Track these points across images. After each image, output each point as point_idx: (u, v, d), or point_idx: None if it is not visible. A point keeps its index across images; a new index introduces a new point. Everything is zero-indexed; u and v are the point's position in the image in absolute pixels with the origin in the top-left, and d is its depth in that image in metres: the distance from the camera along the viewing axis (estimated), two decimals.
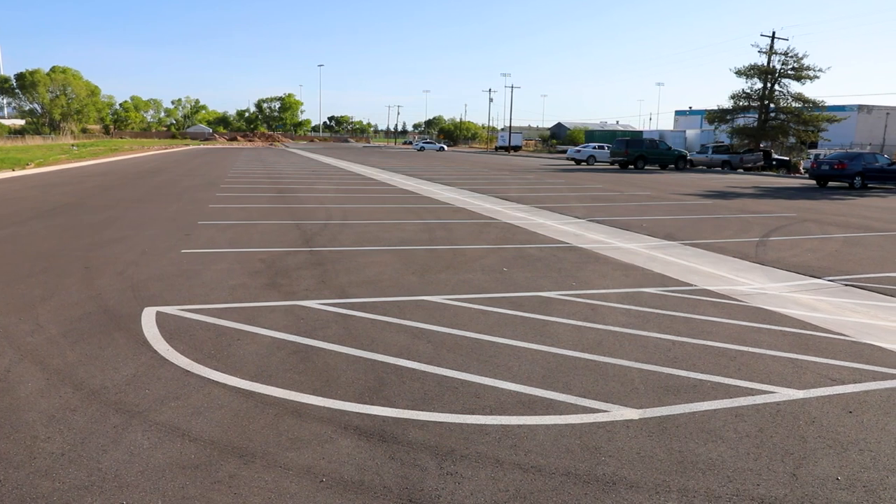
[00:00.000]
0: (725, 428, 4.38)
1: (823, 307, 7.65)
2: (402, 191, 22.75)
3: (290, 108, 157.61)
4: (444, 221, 14.60)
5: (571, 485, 3.62)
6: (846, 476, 3.80)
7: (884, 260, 11.08)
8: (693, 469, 3.83)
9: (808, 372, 5.47)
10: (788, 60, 48.77)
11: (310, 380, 5.02)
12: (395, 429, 4.23)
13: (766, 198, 24.10)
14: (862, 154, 32.96)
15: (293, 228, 12.89)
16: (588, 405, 4.67)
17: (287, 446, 3.97)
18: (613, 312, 7.13)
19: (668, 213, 17.60)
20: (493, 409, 4.57)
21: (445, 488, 3.55)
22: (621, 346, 6.00)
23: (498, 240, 12.08)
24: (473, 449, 3.99)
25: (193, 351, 5.55)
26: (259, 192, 20.65)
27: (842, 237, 13.78)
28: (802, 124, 48.68)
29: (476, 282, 8.43)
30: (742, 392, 4.99)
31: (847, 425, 4.48)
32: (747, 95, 50.34)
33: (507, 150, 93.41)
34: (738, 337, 6.37)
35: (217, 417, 4.33)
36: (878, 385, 5.22)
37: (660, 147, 47.49)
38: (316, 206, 16.96)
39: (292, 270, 8.85)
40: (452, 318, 6.74)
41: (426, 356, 5.57)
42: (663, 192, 24.69)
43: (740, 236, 13.45)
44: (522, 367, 5.37)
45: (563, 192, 23.47)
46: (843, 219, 17.41)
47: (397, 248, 10.88)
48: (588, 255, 10.73)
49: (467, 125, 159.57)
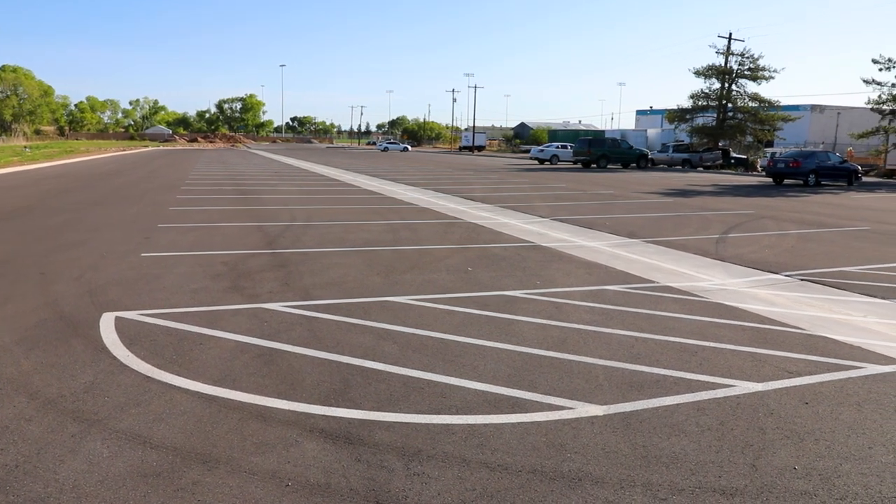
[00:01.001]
0: (688, 422, 4.45)
1: (781, 302, 7.84)
2: (366, 191, 22.66)
3: (252, 109, 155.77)
4: (408, 222, 14.58)
5: (538, 482, 3.65)
6: (803, 465, 3.90)
7: (836, 255, 11.40)
8: (657, 463, 3.89)
9: (766, 365, 5.60)
10: (745, 61, 49.87)
11: (274, 383, 4.96)
12: (361, 430, 4.21)
13: (725, 195, 24.61)
14: (815, 153, 33.92)
15: (256, 230, 12.74)
16: (553, 403, 4.71)
17: (252, 451, 3.92)
18: (577, 310, 7.20)
19: (631, 211, 17.84)
20: (460, 408, 4.58)
21: (412, 489, 3.54)
22: (586, 343, 6.06)
23: (462, 240, 12.11)
24: (440, 449, 3.99)
25: (154, 356, 5.45)
26: (221, 194, 20.36)
27: (797, 233, 14.15)
28: (759, 123, 49.81)
29: (441, 282, 8.44)
30: (703, 386, 5.08)
31: (803, 416, 4.60)
32: (706, 95, 51.30)
33: (471, 150, 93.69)
34: (700, 332, 6.49)
35: (179, 423, 4.25)
36: (832, 376, 5.37)
37: (622, 146, 48.18)
38: (279, 208, 16.79)
39: (255, 273, 8.74)
40: (418, 318, 6.73)
41: (392, 357, 5.56)
42: (625, 191, 25.03)
43: (701, 233, 13.71)
44: (488, 367, 5.39)
45: (526, 192, 23.63)
46: (798, 215, 17.87)
47: (362, 249, 10.83)
48: (552, 253, 10.82)
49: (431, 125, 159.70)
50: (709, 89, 51.25)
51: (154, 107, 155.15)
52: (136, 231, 12.29)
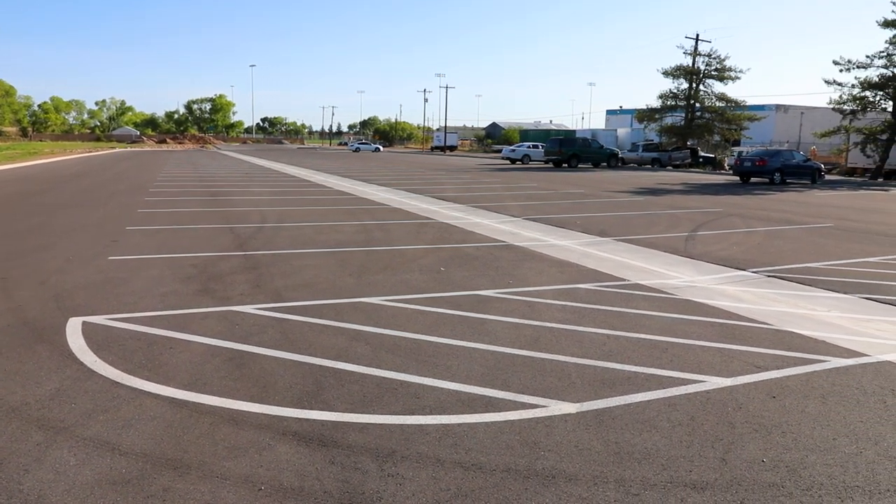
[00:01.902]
0: (659, 417, 4.51)
1: (748, 298, 7.98)
2: (338, 192, 22.54)
3: (222, 110, 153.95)
4: (380, 222, 14.54)
5: (512, 481, 3.66)
6: (771, 458, 3.97)
7: (802, 251, 11.64)
8: (629, 459, 3.93)
9: (735, 360, 5.69)
10: (712, 62, 50.66)
11: (246, 386, 4.91)
12: (335, 433, 4.19)
13: (694, 194, 24.97)
14: (780, 151, 34.61)
15: (226, 232, 12.59)
16: (527, 401, 4.73)
17: (224, 455, 3.87)
18: (550, 309, 7.25)
19: (602, 210, 18.01)
20: (434, 408, 4.58)
21: (387, 490, 3.54)
22: (558, 341, 6.10)
23: (435, 240, 12.11)
24: (414, 449, 3.99)
25: (123, 361, 5.36)
26: (190, 196, 20.09)
27: (764, 230, 14.41)
28: (726, 123, 50.61)
29: (414, 282, 8.43)
30: (674, 382, 5.15)
31: (771, 409, 4.68)
32: (674, 95, 51.99)
33: (443, 150, 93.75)
34: (670, 329, 6.57)
35: (149, 429, 4.19)
36: (798, 370, 5.48)
37: (592, 146, 48.63)
38: (250, 209, 16.63)
39: (226, 275, 8.64)
40: (391, 319, 6.71)
41: (365, 358, 5.54)
42: (596, 190, 25.26)
43: (670, 231, 13.89)
44: (461, 366, 5.40)
45: (498, 192, 23.71)
46: (764, 213, 18.20)
47: (334, 249, 10.77)
48: (524, 252, 10.87)
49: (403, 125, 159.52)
50: (677, 89, 52.00)
51: (121, 107, 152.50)
52: (104, 234, 12.07)
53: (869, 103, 38.75)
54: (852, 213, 18.63)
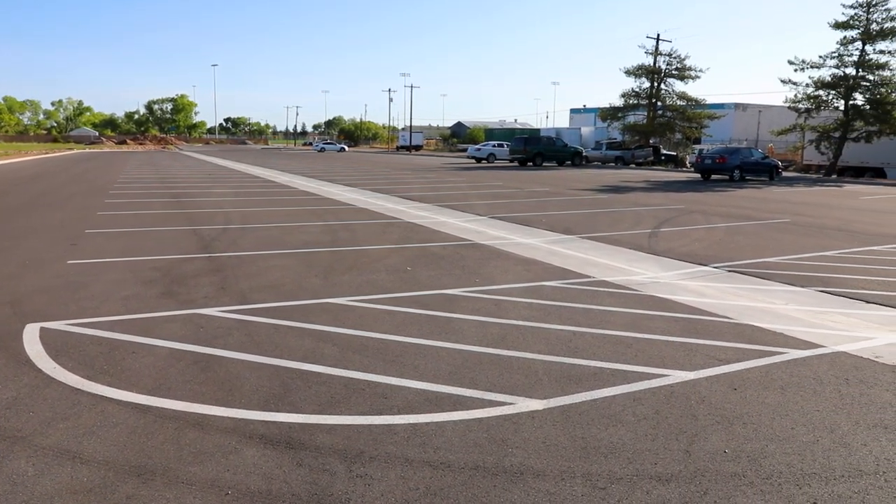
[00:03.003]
0: (625, 412, 4.58)
1: (710, 293, 8.13)
2: (303, 193, 22.36)
3: (184, 110, 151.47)
4: (346, 222, 14.47)
5: (480, 478, 3.68)
6: (733, 448, 4.07)
7: (761, 246, 11.91)
8: (596, 454, 3.98)
9: (697, 354, 5.80)
10: (672, 61, 51.42)
11: (211, 390, 4.85)
12: (302, 435, 4.16)
13: (657, 191, 25.35)
14: (739, 149, 35.38)
15: (190, 234, 12.40)
16: (494, 399, 4.76)
17: (189, 461, 3.82)
18: (516, 307, 7.30)
19: (566, 208, 18.18)
20: (401, 408, 4.58)
21: (355, 491, 3.53)
22: (525, 339, 6.15)
23: (401, 239, 12.10)
24: (382, 449, 3.98)
25: (83, 367, 5.24)
26: (152, 198, 19.73)
27: (724, 226, 14.71)
28: (687, 121, 51.47)
29: (380, 282, 8.41)
30: (639, 377, 5.23)
31: (732, 401, 4.79)
32: (636, 94, 52.67)
33: (409, 150, 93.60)
34: (634, 324, 6.67)
35: (112, 436, 4.11)
36: (757, 362, 5.61)
37: (557, 144, 49.03)
38: (214, 211, 16.40)
39: (190, 278, 8.52)
40: (357, 319, 6.69)
41: (332, 359, 5.51)
42: (561, 188, 25.49)
43: (634, 228, 14.09)
44: (429, 365, 5.40)
45: (464, 191, 23.78)
46: (725, 209, 18.57)
47: (300, 250, 10.69)
48: (490, 251, 10.92)
49: (368, 125, 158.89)
50: (639, 88, 52.68)
51: (78, 108, 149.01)
52: (62, 238, 11.79)
53: (822, 102, 39.79)
54: (808, 209, 19.12)
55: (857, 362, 5.70)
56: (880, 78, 38.16)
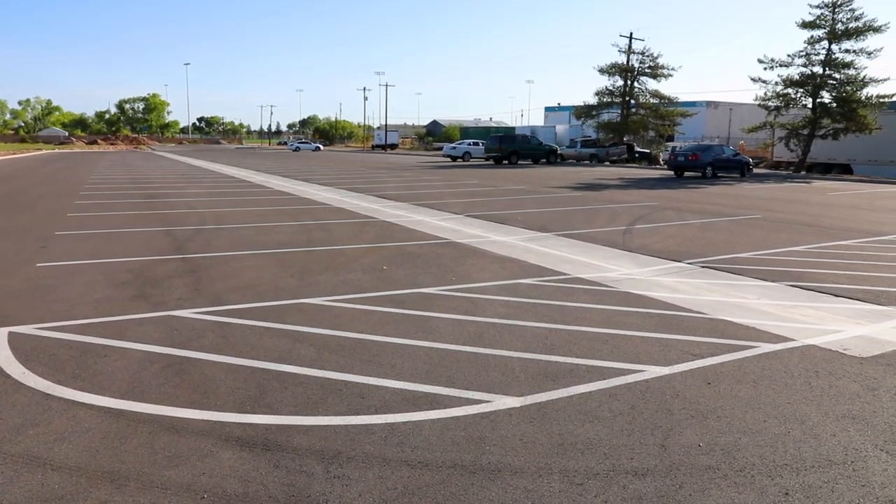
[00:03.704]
0: (601, 408, 4.62)
1: (684, 288, 8.23)
2: (278, 192, 22.19)
3: (156, 109, 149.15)
4: (322, 222, 14.39)
5: (458, 476, 3.69)
6: (707, 442, 4.12)
7: (733, 242, 12.08)
8: (573, 450, 4.01)
9: (672, 349, 5.87)
10: (645, 59, 51.85)
11: (186, 393, 4.80)
12: (279, 436, 4.14)
13: (631, 188, 25.59)
14: (711, 146, 35.79)
15: (163, 235, 12.25)
16: (471, 397, 4.77)
17: (164, 465, 3.78)
18: (492, 304, 7.32)
19: (542, 205, 18.27)
20: (379, 408, 4.57)
21: (333, 492, 3.52)
22: (501, 336, 6.17)
23: (377, 238, 12.07)
24: (360, 450, 3.97)
25: (54, 372, 5.15)
26: (125, 199, 19.44)
27: (697, 223, 14.89)
28: (660, 119, 51.97)
29: (356, 281, 8.38)
30: (615, 373, 5.28)
31: (706, 396, 4.86)
32: (610, 92, 53.02)
33: (384, 149, 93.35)
34: (610, 321, 6.73)
35: (84, 441, 4.04)
36: (731, 357, 5.69)
37: (532, 142, 49.24)
38: (188, 212, 16.21)
39: (163, 279, 8.41)
40: (334, 319, 6.66)
41: (308, 360, 5.48)
42: (536, 186, 25.60)
43: (609, 225, 14.20)
44: (406, 364, 5.40)
45: (440, 189, 23.78)
46: (698, 206, 18.80)
47: (275, 250, 10.61)
48: (466, 249, 10.94)
49: (343, 124, 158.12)
50: (613, 86, 53.03)
51: (47, 107, 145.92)
52: (31, 240, 11.57)
53: (791, 100, 40.45)
54: (778, 205, 19.43)
55: (826, 355, 5.81)
56: (846, 76, 38.91)
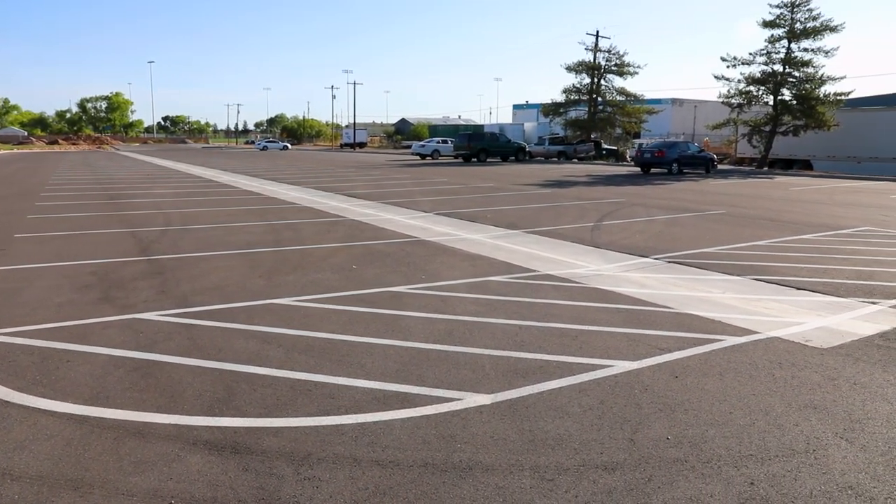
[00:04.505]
0: (571, 403, 4.65)
1: (651, 283, 8.34)
2: (245, 192, 21.94)
3: (119, 108, 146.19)
4: (290, 222, 14.27)
5: (429, 475, 3.69)
6: (675, 435, 4.18)
7: (699, 237, 12.27)
8: (543, 446, 4.04)
9: (640, 344, 5.94)
10: (612, 57, 52.41)
11: (153, 397, 4.72)
12: (248, 439, 4.09)
13: (599, 185, 25.83)
14: (677, 143, 36.34)
15: (128, 237, 12.02)
16: (442, 395, 4.77)
17: (130, 471, 3.71)
18: (462, 302, 7.33)
19: (511, 203, 18.35)
20: (349, 408, 4.55)
21: (304, 493, 3.49)
22: (471, 334, 6.18)
23: (346, 237, 12.00)
24: (330, 451, 3.95)
25: (14, 378, 5.02)
26: (87, 200, 19.03)
27: (664, 218, 15.10)
28: (626, 116, 52.57)
29: (326, 281, 8.33)
30: (584, 368, 5.33)
31: (674, 389, 4.93)
32: (577, 90, 53.48)
33: (353, 147, 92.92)
34: (579, 317, 6.79)
35: (45, 449, 3.95)
36: (697, 350, 5.78)
37: (500, 140, 49.47)
38: (153, 212, 15.93)
39: (128, 282, 8.26)
40: (303, 319, 6.61)
41: (277, 361, 5.43)
42: (505, 183, 25.70)
43: (577, 222, 14.32)
44: (376, 364, 5.38)
45: (409, 187, 23.74)
46: (664, 202, 19.06)
47: (243, 251, 10.49)
48: (436, 247, 10.94)
49: (311, 123, 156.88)
50: (580, 84, 53.49)
51: (4, 106, 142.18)
52: None
53: (753, 97, 41.26)
54: (742, 200, 19.79)
55: (789, 346, 5.94)
56: (805, 74, 39.79)
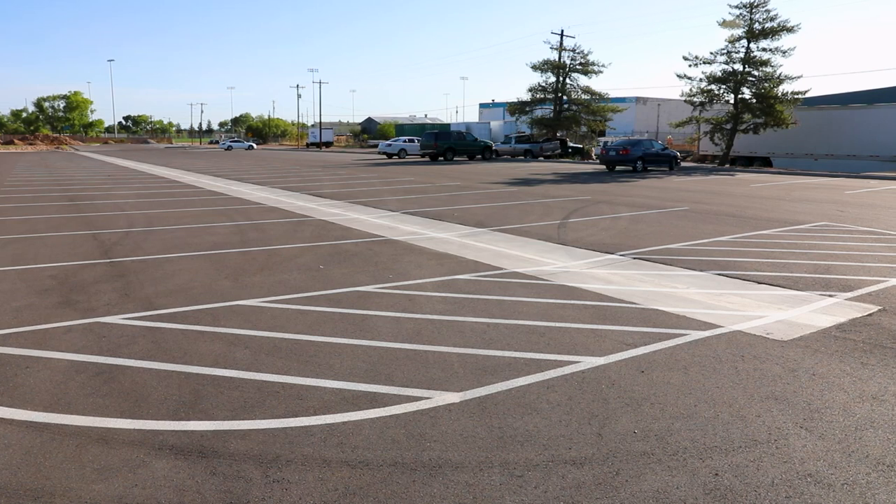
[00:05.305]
0: (539, 400, 4.69)
1: (617, 280, 8.44)
2: (210, 192, 21.63)
3: (78, 108, 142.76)
4: (256, 222, 14.11)
5: (399, 474, 3.69)
6: (641, 428, 4.24)
7: (663, 234, 12.46)
8: (512, 443, 4.06)
9: (606, 340, 6.01)
10: (576, 56, 52.85)
11: (116, 402, 4.63)
12: (215, 442, 4.04)
13: (565, 183, 26.04)
14: (641, 141, 36.81)
15: (89, 239, 11.77)
16: (411, 394, 4.77)
17: (93, 478, 3.63)
18: (430, 301, 7.33)
19: (478, 201, 18.40)
20: (317, 409, 4.52)
21: (272, 496, 3.46)
22: (440, 333, 6.19)
23: (313, 237, 11.92)
24: (299, 452, 3.92)
25: None
26: (46, 202, 18.57)
27: (629, 215, 15.29)
28: (591, 114, 53.09)
29: (293, 282, 8.26)
30: (552, 365, 5.37)
31: (640, 383, 5.00)
32: (543, 88, 53.83)
33: (319, 147, 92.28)
34: (546, 314, 6.84)
35: (3, 459, 3.85)
36: (662, 345, 5.87)
37: (467, 139, 49.58)
38: (115, 214, 15.61)
39: (90, 285, 8.08)
40: (270, 320, 6.55)
41: (244, 363, 5.37)
42: (472, 182, 25.77)
43: (544, 220, 14.43)
44: (344, 364, 5.36)
45: (376, 187, 23.66)
46: (629, 199, 19.30)
47: (208, 252, 10.34)
48: (403, 246, 10.93)
49: (277, 122, 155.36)
50: (545, 83, 53.83)
51: None
52: None
53: (714, 96, 42.05)
54: (705, 197, 20.14)
55: (751, 340, 6.06)
56: (764, 73, 40.68)
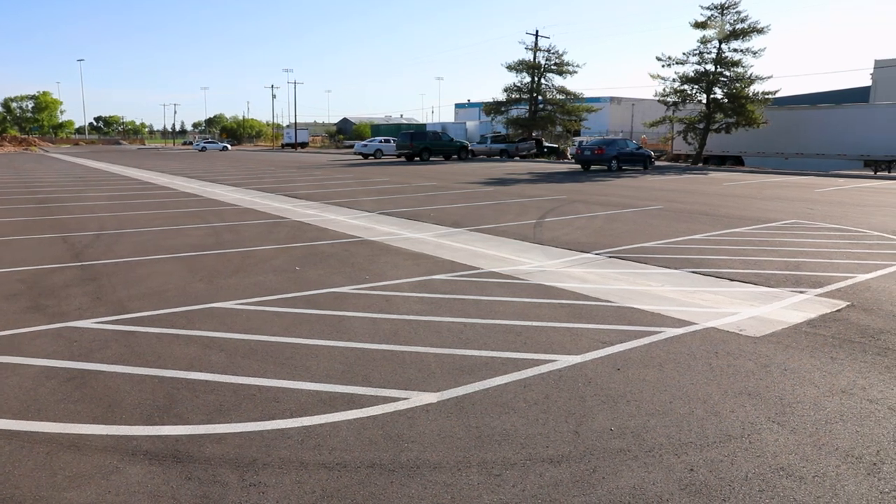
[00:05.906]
0: (516, 399, 4.71)
1: (593, 278, 8.50)
2: (184, 194, 21.38)
3: (48, 108, 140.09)
4: (231, 224, 13.98)
5: (377, 476, 3.68)
6: (618, 426, 4.28)
7: (638, 232, 12.58)
8: (490, 442, 4.07)
9: (583, 338, 6.06)
10: (551, 57, 53.16)
11: (88, 408, 4.56)
12: (190, 447, 3.99)
13: (541, 182, 26.18)
14: (616, 140, 37.16)
15: (59, 242, 11.56)
16: (388, 395, 4.76)
17: (64, 486, 3.57)
18: (407, 301, 7.33)
19: (454, 201, 18.42)
20: (294, 411, 4.49)
21: (249, 500, 3.43)
22: (416, 333, 6.19)
23: (288, 239, 11.84)
24: (276, 455, 3.89)
25: None
26: (13, 204, 18.22)
27: (604, 214, 15.41)
28: (567, 114, 53.41)
29: (268, 283, 8.20)
30: (529, 364, 5.39)
31: (616, 381, 5.04)
32: (518, 88, 54.04)
33: (294, 147, 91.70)
34: (523, 313, 6.87)
35: None
36: (638, 343, 5.93)
37: (443, 139, 49.60)
38: (86, 216, 15.36)
39: (60, 289, 7.95)
40: (245, 323, 6.49)
41: (220, 366, 5.32)
42: (448, 182, 25.79)
43: (520, 219, 14.48)
44: (321, 365, 5.33)
45: (351, 187, 23.57)
46: (604, 198, 19.46)
47: (182, 255, 10.22)
48: (379, 247, 10.90)
49: (251, 123, 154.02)
50: (520, 83, 54.05)
51: None
52: None
53: (687, 96, 42.54)
54: (679, 196, 20.37)
55: (725, 336, 6.15)
56: (735, 74, 41.25)
